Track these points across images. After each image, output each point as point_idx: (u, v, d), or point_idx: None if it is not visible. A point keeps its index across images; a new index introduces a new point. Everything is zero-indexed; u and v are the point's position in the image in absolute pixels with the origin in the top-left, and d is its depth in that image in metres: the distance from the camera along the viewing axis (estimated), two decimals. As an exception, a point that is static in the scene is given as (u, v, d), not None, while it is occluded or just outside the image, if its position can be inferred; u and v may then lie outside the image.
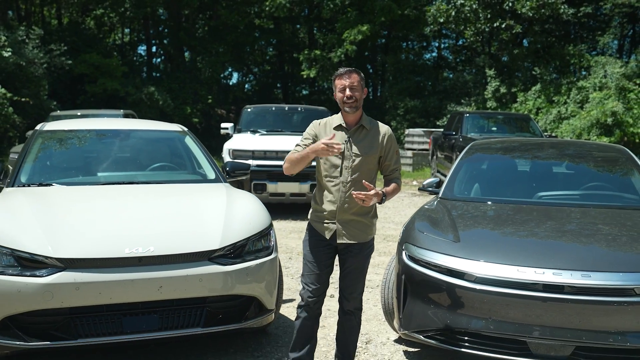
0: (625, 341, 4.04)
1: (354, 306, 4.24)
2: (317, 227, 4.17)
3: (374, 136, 4.13)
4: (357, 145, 4.08)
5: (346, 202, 4.06)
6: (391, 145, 4.17)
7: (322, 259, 4.15)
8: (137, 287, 4.23)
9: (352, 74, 4.06)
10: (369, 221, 4.15)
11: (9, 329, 4.16)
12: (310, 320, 4.19)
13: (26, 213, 4.60)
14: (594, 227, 4.98)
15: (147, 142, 6.39)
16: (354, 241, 4.10)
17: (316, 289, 4.14)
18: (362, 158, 4.06)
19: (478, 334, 4.28)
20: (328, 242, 4.12)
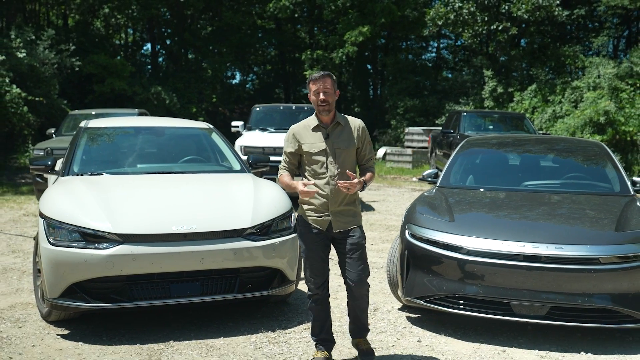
0: (591, 302, 4.87)
1: (363, 290, 4.47)
2: (312, 221, 4.44)
3: (349, 131, 4.48)
4: (337, 141, 4.43)
5: (336, 194, 4.38)
6: (365, 137, 4.52)
7: (319, 251, 4.45)
8: (183, 259, 5.04)
9: (326, 78, 4.37)
10: (356, 208, 4.51)
11: (77, 294, 4.97)
12: (322, 304, 4.55)
13: (86, 196, 5.41)
14: (568, 209, 5.83)
15: (179, 137, 7.23)
16: (349, 227, 4.43)
17: (320, 279, 4.49)
18: (344, 152, 4.42)
19: (470, 298, 5.10)
20: (324, 233, 4.44)
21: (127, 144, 6.88)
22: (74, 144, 6.61)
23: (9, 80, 18.66)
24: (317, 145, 4.42)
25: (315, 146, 4.42)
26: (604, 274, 4.88)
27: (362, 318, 4.61)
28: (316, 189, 4.31)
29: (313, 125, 4.48)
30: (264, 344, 5.01)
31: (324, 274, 4.52)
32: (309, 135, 4.46)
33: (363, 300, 4.52)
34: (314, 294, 4.52)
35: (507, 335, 5.23)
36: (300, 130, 4.51)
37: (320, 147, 4.41)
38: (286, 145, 4.54)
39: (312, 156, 4.43)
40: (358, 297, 4.50)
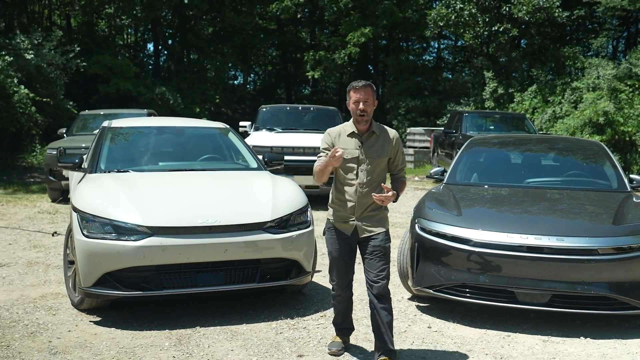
0: (590, 290, 5.23)
1: (385, 290, 4.48)
2: (339, 226, 4.58)
3: (384, 141, 4.54)
4: (370, 150, 4.50)
5: (363, 201, 4.48)
6: (399, 148, 4.60)
7: (346, 253, 4.58)
8: (208, 250, 5.39)
9: (367, 89, 4.44)
10: (383, 213, 4.59)
11: (109, 282, 5.32)
12: (344, 303, 4.76)
13: (116, 192, 5.77)
14: (569, 204, 6.20)
15: (198, 137, 7.59)
16: (374, 232, 4.52)
17: (344, 281, 4.64)
18: (375, 161, 4.50)
19: (476, 287, 5.46)
20: (350, 237, 4.56)
21: (148, 143, 7.23)
22: (99, 143, 6.96)
23: (17, 81, 18.95)
24: (350, 152, 4.49)
25: (349, 152, 4.49)
26: (602, 264, 5.24)
27: (386, 331, 4.50)
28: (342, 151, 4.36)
29: (349, 131, 4.55)
30: (284, 329, 5.36)
31: (348, 276, 4.66)
32: (344, 140, 4.53)
33: (385, 301, 4.49)
34: (337, 294, 4.70)
35: (511, 322, 5.60)
36: (336, 134, 4.59)
37: (353, 154, 4.48)
38: (323, 144, 4.62)
39: (344, 162, 4.49)
40: (378, 296, 4.47)
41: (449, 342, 5.15)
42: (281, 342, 5.08)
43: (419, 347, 5.02)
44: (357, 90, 4.46)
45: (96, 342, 5.03)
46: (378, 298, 4.48)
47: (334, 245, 4.61)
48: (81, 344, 4.98)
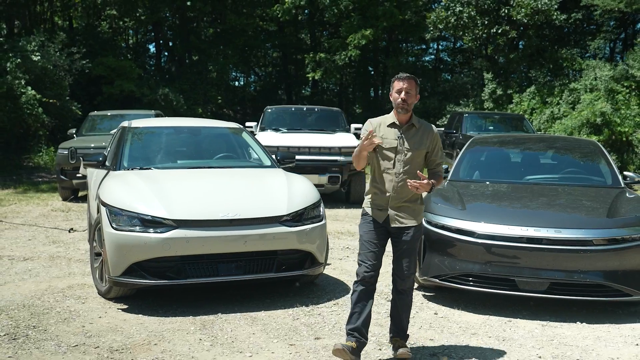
0: (585, 278, 5.63)
1: (407, 285, 4.68)
2: (373, 214, 4.63)
3: (423, 134, 4.63)
4: (409, 142, 4.57)
5: (398, 191, 4.55)
6: (437, 143, 4.68)
7: (376, 239, 4.60)
8: (228, 242, 5.77)
9: (411, 80, 4.55)
10: (417, 207, 4.65)
11: (137, 272, 5.69)
12: (366, 294, 4.58)
13: (142, 187, 6.15)
14: (566, 199, 6.61)
15: (213, 136, 7.99)
16: (405, 224, 4.59)
17: (373, 264, 4.56)
18: (413, 153, 4.56)
19: (479, 276, 5.85)
20: (382, 225, 4.62)
21: (167, 142, 7.62)
22: (121, 142, 7.34)
23: (25, 82, 19.28)
24: (390, 142, 4.58)
25: (388, 141, 4.58)
26: (597, 254, 5.64)
27: (403, 319, 4.75)
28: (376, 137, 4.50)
29: (389, 121, 4.64)
30: (300, 316, 5.74)
31: (377, 259, 4.59)
32: (384, 130, 4.62)
33: (407, 295, 4.70)
34: (361, 278, 4.57)
35: (512, 308, 5.99)
36: (377, 123, 4.67)
37: (392, 144, 4.57)
38: (362, 133, 4.65)
39: (383, 150, 4.58)
40: (401, 291, 4.68)
41: (454, 326, 5.53)
42: (298, 326, 5.46)
43: (427, 331, 5.41)
44: (401, 80, 4.56)
45: (126, 326, 5.40)
46: (401, 292, 4.69)
47: (366, 230, 4.65)
48: (112, 329, 5.35)
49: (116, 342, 5.02)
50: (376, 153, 4.63)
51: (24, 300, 6.10)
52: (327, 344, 5.00)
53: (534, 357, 4.84)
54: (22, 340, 5.03)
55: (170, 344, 5.00)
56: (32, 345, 4.93)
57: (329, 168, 12.33)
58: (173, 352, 4.83)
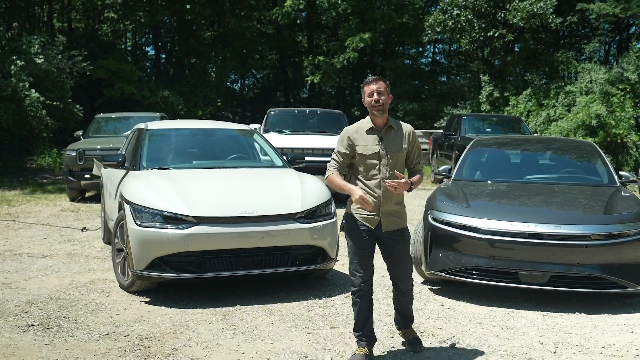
0: (584, 271, 5.98)
1: (409, 285, 4.83)
2: (362, 219, 4.62)
3: (401, 135, 4.66)
4: (390, 144, 4.60)
5: (387, 195, 4.59)
6: (415, 142, 4.73)
7: (366, 247, 4.65)
8: (247, 237, 6.10)
9: (379, 81, 4.58)
10: (403, 209, 4.77)
11: (160, 266, 6.02)
12: (365, 301, 4.71)
13: (163, 186, 6.47)
14: (564, 197, 6.96)
15: (227, 138, 8.34)
16: (396, 228, 4.67)
17: (366, 274, 4.65)
18: (396, 155, 4.61)
19: (483, 269, 6.20)
20: (372, 231, 4.63)
21: (183, 143, 7.97)
22: (139, 144, 7.66)
23: (29, 85, 19.54)
24: (371, 148, 4.57)
25: (369, 148, 4.57)
26: (594, 249, 6.00)
27: (407, 310, 4.93)
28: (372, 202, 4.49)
29: (367, 127, 4.63)
30: (315, 307, 6.07)
31: (369, 269, 4.69)
32: (363, 138, 4.61)
33: (409, 293, 4.86)
34: (359, 289, 4.66)
35: (514, 300, 6.33)
36: (354, 133, 4.65)
37: (374, 150, 4.57)
38: (339, 146, 4.65)
39: (365, 159, 4.58)
40: (404, 291, 4.82)
41: (460, 316, 5.87)
42: (314, 317, 5.79)
43: (435, 321, 5.74)
44: (370, 83, 4.60)
45: (151, 317, 5.72)
46: (402, 293, 4.83)
47: (355, 239, 4.66)
48: (138, 319, 5.67)
49: (144, 331, 5.34)
50: (359, 161, 4.62)
51: (50, 294, 6.41)
52: (342, 332, 5.33)
53: (537, 343, 5.17)
54: (56, 330, 5.35)
55: (195, 333, 5.32)
56: (65, 334, 5.25)
57: (328, 170, 12.68)
58: (198, 340, 5.15)
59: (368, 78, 4.68)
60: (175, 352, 4.89)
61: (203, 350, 4.93)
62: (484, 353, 4.96)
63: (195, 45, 32.32)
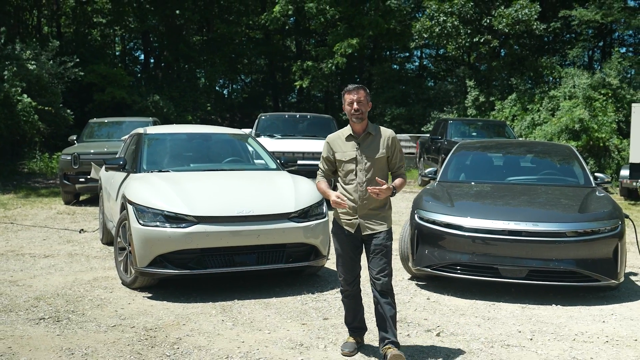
0: (560, 266, 6.39)
1: (387, 286, 4.75)
2: (343, 224, 4.84)
3: (380, 140, 4.80)
4: (367, 150, 4.76)
5: (364, 199, 4.74)
6: (395, 146, 4.82)
7: (350, 250, 4.85)
8: (244, 235, 6.47)
9: (359, 90, 4.74)
10: (386, 213, 4.84)
11: (162, 263, 6.37)
12: (352, 299, 4.98)
13: (164, 187, 6.83)
14: (543, 197, 7.39)
15: (222, 142, 8.71)
16: (376, 230, 4.78)
17: (350, 276, 4.90)
18: (373, 160, 4.75)
19: (466, 265, 6.61)
20: (354, 235, 4.81)
21: (180, 147, 8.34)
22: (139, 147, 8.00)
23: (21, 90, 19.77)
24: (349, 154, 4.78)
25: (347, 154, 4.79)
26: (570, 245, 6.42)
27: (390, 326, 4.75)
28: (346, 204, 4.71)
29: (346, 134, 4.85)
30: (308, 301, 6.45)
31: (354, 271, 4.90)
32: (342, 144, 4.84)
33: (387, 296, 4.76)
34: (345, 289, 4.94)
35: (495, 293, 6.74)
36: (334, 140, 4.90)
37: (351, 156, 4.77)
38: (323, 153, 4.95)
39: (343, 164, 4.80)
40: (382, 293, 4.75)
41: (445, 309, 6.26)
42: (308, 310, 6.16)
43: (421, 312, 6.13)
44: (350, 92, 4.77)
45: (154, 311, 6.07)
46: (381, 294, 4.76)
47: (340, 242, 4.89)
48: (142, 312, 6.02)
49: (149, 323, 5.69)
50: (339, 166, 4.86)
51: (56, 290, 6.75)
52: (335, 323, 5.71)
53: (515, 332, 5.57)
54: (66, 322, 5.70)
55: (196, 324, 5.68)
56: (75, 326, 5.60)
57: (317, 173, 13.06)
58: (201, 330, 5.51)
59: (349, 86, 4.84)
60: (180, 341, 5.24)
61: (205, 340, 5.28)
62: (467, 340, 5.35)
63: (185, 50, 32.60)
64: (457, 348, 5.16)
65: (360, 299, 5.04)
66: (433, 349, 5.16)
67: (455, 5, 24.50)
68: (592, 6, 24.08)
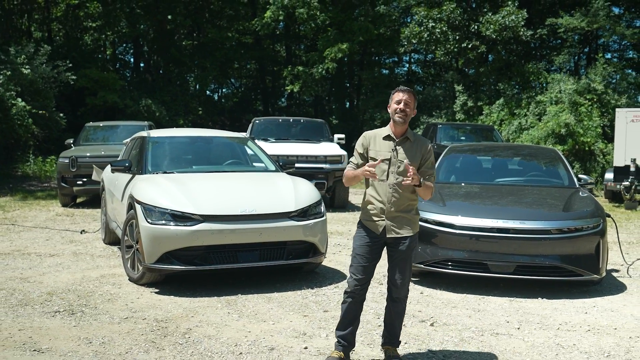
0: (545, 261, 6.79)
1: (402, 294, 4.82)
2: (369, 225, 4.72)
3: (417, 148, 4.71)
4: (404, 154, 4.66)
5: (393, 202, 4.64)
6: (430, 156, 4.76)
7: (370, 253, 4.71)
8: (247, 233, 6.82)
9: (410, 93, 4.67)
10: (413, 217, 4.75)
11: (169, 259, 6.71)
12: (355, 304, 4.79)
13: (170, 187, 7.17)
14: (529, 197, 7.79)
15: (223, 145, 9.07)
16: (401, 234, 4.69)
17: (362, 278, 4.71)
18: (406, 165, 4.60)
19: (457, 261, 7.01)
20: (378, 237, 4.70)
21: (183, 150, 8.68)
22: (143, 150, 8.34)
23: (15, 94, 19.99)
24: (383, 154, 4.67)
25: (381, 154, 4.67)
26: (555, 241, 6.83)
27: (395, 325, 4.91)
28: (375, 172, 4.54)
29: (385, 134, 4.75)
30: (308, 296, 6.80)
31: (367, 275, 4.75)
32: (378, 143, 4.74)
33: (400, 303, 4.86)
34: (352, 291, 4.75)
35: (485, 288, 7.14)
36: (371, 136, 4.80)
37: (386, 156, 4.66)
38: (357, 146, 4.84)
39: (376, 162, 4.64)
40: (396, 299, 4.84)
41: (438, 302, 6.64)
42: (308, 303, 6.52)
43: (416, 305, 6.51)
44: (402, 91, 4.69)
45: (163, 304, 6.41)
46: (395, 300, 4.86)
47: (360, 243, 4.76)
48: (152, 306, 6.35)
49: (159, 315, 6.03)
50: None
51: (67, 286, 7.07)
52: (335, 315, 6.04)
53: (503, 322, 5.96)
54: (80, 315, 6.02)
55: (204, 317, 6.02)
56: (90, 318, 5.92)
57: (315, 175, 13.42)
58: (209, 322, 5.85)
59: (400, 86, 4.76)
60: (190, 331, 5.58)
61: (214, 330, 5.63)
62: (459, 330, 5.73)
63: (176, 55, 32.89)
64: (450, 336, 5.54)
65: (361, 308, 4.91)
66: (428, 337, 5.54)
67: (443, 11, 24.97)
68: (577, 14, 24.60)
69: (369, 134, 4.86)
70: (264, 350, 5.15)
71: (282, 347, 5.24)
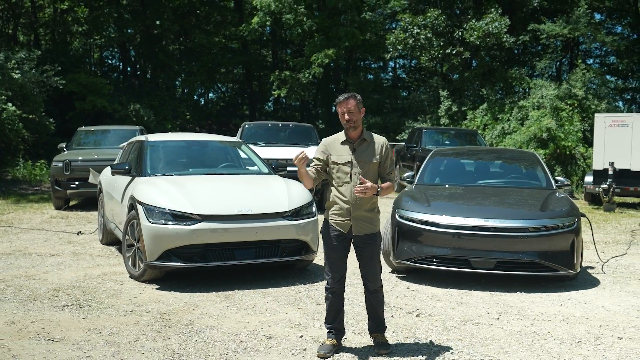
0: (524, 257, 7.25)
1: (377, 284, 5.18)
2: (335, 224, 5.06)
3: (374, 147, 5.03)
4: (362, 155, 5.00)
5: (357, 202, 4.97)
6: (388, 153, 5.06)
7: (339, 251, 5.08)
8: (243, 232, 7.22)
9: (349, 100, 4.93)
10: (375, 215, 5.10)
11: (169, 257, 7.09)
12: (337, 298, 5.18)
13: (169, 189, 7.55)
14: (509, 198, 8.25)
15: (218, 149, 9.46)
16: (367, 232, 5.04)
17: (337, 274, 5.12)
18: (367, 165, 4.99)
19: (441, 257, 7.43)
20: (345, 235, 5.05)
21: (180, 153, 9.07)
22: (141, 154, 8.71)
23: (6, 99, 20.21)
24: (344, 157, 5.01)
25: (343, 157, 5.02)
26: (532, 239, 7.29)
27: (379, 313, 5.27)
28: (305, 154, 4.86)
29: (342, 139, 5.08)
30: (302, 291, 7.21)
31: (341, 270, 5.13)
32: (338, 148, 5.07)
33: (378, 293, 5.21)
34: (331, 287, 5.14)
35: (467, 283, 7.58)
36: (330, 143, 5.14)
37: (347, 159, 5.00)
38: (316, 153, 5.17)
39: (338, 166, 5.01)
40: (372, 291, 5.20)
41: (423, 295, 7.07)
42: (302, 297, 6.92)
43: (402, 299, 6.93)
44: (341, 103, 4.98)
45: (165, 299, 6.79)
46: (373, 292, 5.20)
47: (329, 243, 5.11)
48: (154, 300, 6.73)
49: (162, 308, 6.41)
50: (333, 169, 5.06)
51: (71, 283, 7.43)
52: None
53: (484, 313, 6.40)
54: (87, 308, 6.39)
55: (204, 310, 6.41)
56: (97, 311, 6.30)
57: (299, 179, 13.83)
58: (209, 314, 6.24)
59: (339, 97, 5.03)
60: (192, 322, 5.97)
61: (215, 321, 6.02)
62: (443, 320, 6.16)
63: (164, 59, 33.17)
64: (434, 326, 5.97)
65: (343, 299, 5.26)
66: (414, 326, 5.96)
67: (428, 18, 25.49)
68: (560, 20, 25.17)
69: (327, 140, 5.21)
70: (263, 339, 5.55)
71: (279, 335, 5.64)
